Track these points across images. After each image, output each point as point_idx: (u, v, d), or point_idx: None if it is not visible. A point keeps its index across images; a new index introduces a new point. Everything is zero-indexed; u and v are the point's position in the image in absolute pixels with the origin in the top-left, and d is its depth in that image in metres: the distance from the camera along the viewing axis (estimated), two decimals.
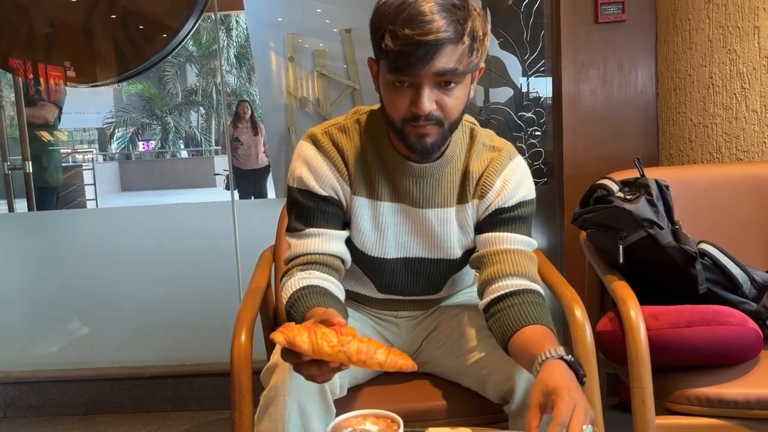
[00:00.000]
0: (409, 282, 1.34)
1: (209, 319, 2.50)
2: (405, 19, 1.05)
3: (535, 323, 1.09)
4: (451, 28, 1.05)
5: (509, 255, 1.20)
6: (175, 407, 2.42)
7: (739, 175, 1.84)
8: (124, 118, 16.19)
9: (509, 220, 1.23)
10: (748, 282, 1.49)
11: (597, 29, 2.15)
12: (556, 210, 2.35)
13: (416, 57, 1.05)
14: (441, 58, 1.06)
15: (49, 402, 2.44)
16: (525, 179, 1.26)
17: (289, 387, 1.11)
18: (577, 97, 2.18)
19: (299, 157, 1.25)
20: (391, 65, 1.09)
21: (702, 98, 1.98)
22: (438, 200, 1.25)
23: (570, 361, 0.98)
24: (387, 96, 1.15)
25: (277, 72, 2.83)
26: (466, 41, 1.07)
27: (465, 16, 1.07)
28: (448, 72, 1.07)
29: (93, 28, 2.92)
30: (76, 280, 2.64)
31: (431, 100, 1.10)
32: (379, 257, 1.29)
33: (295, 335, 0.93)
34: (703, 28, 1.95)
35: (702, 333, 1.38)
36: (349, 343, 0.93)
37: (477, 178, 1.25)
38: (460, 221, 1.27)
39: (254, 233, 1.26)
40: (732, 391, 1.35)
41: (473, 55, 1.10)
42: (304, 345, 0.93)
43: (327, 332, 0.94)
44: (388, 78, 1.12)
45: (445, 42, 1.05)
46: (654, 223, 1.48)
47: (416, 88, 1.09)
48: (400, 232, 1.28)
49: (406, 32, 1.04)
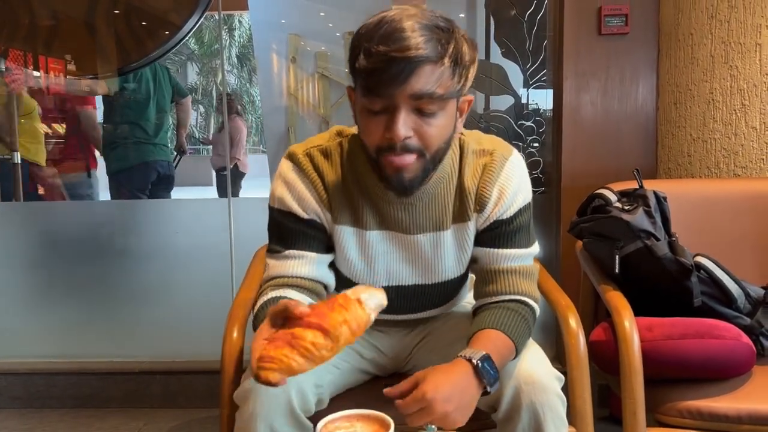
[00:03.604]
0: (401, 306, 1.30)
1: (201, 316, 2.48)
2: (381, 36, 0.97)
3: (495, 328, 1.11)
4: (431, 46, 0.97)
5: (506, 276, 1.19)
6: (164, 403, 2.41)
7: (736, 190, 1.85)
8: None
9: (508, 234, 1.18)
10: (742, 297, 1.49)
11: (600, 41, 2.16)
12: (552, 219, 2.35)
13: (389, 75, 0.96)
14: (418, 78, 0.97)
15: (37, 394, 2.42)
16: (522, 183, 1.19)
17: (258, 413, 1.07)
18: (577, 107, 2.19)
19: (279, 177, 1.19)
20: (363, 86, 1.01)
21: (702, 113, 1.99)
22: (430, 224, 1.19)
23: (477, 365, 1.01)
24: (361, 122, 1.07)
25: (278, 73, 2.84)
26: (447, 63, 0.99)
27: (448, 38, 1.00)
28: (425, 95, 0.99)
29: (95, 22, 2.92)
30: (67, 272, 2.62)
31: (407, 126, 1.00)
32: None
33: (287, 362, 0.85)
34: (706, 44, 1.96)
35: (695, 346, 1.38)
36: (338, 335, 0.86)
37: (474, 191, 1.17)
38: (459, 240, 1.21)
39: (250, 231, 1.24)
40: (723, 405, 1.35)
41: (456, 79, 1.02)
42: (304, 365, 0.86)
43: (308, 337, 0.85)
44: (363, 102, 1.03)
45: (422, 60, 0.97)
46: (651, 235, 1.49)
47: (391, 112, 1.00)
48: (390, 260, 1.22)
49: (380, 48, 0.96)
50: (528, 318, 1.17)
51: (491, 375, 1.02)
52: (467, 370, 1.01)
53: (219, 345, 1.35)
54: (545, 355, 1.20)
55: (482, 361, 1.02)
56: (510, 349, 1.10)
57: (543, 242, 2.40)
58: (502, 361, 1.07)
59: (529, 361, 1.13)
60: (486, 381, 1.01)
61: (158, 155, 3.33)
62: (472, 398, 1.01)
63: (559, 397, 1.11)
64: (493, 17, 2.46)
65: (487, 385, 1.02)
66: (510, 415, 1.11)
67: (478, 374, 1.01)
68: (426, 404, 0.95)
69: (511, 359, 1.11)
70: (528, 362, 1.13)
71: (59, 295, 2.63)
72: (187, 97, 3.83)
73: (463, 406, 0.99)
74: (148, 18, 3.00)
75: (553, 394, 1.10)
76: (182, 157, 4.15)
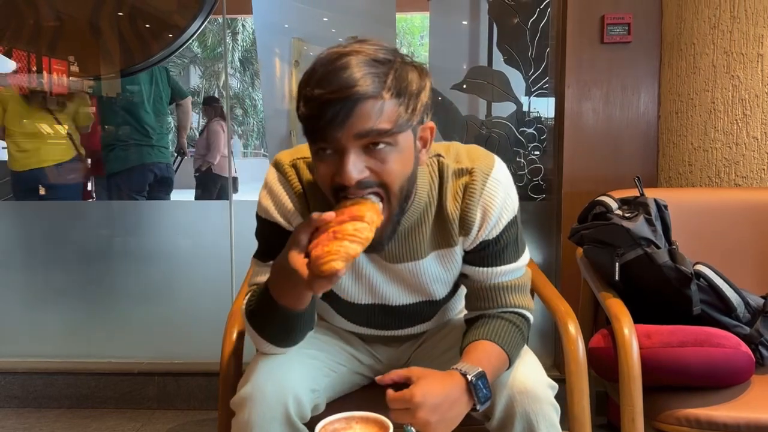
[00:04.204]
0: (390, 323, 1.29)
1: (200, 318, 2.49)
2: (316, 80, 0.94)
3: (489, 339, 1.11)
4: (368, 81, 0.93)
5: (497, 292, 1.18)
6: (162, 405, 2.40)
7: (737, 200, 1.85)
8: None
9: (496, 253, 1.16)
10: (742, 305, 1.49)
11: (602, 49, 2.16)
12: (552, 226, 2.35)
13: (328, 118, 0.93)
14: (359, 116, 0.93)
15: (34, 393, 2.42)
16: (506, 199, 1.13)
17: (254, 421, 1.07)
18: (579, 115, 2.19)
19: (266, 186, 1.18)
20: (307, 132, 0.98)
21: (703, 122, 1.99)
22: (407, 255, 1.16)
23: (471, 381, 1.01)
24: (318, 171, 1.01)
25: (281, 77, 2.85)
26: (387, 96, 0.94)
27: (386, 70, 0.95)
28: (371, 132, 0.94)
29: (100, 24, 2.93)
30: (67, 272, 2.62)
31: (358, 167, 0.95)
32: (354, 302, 1.24)
33: (345, 250, 0.91)
34: (708, 54, 1.97)
35: (694, 354, 1.38)
36: (369, 216, 0.94)
37: (458, 216, 1.13)
38: (445, 264, 1.19)
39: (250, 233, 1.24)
40: (722, 414, 1.35)
41: (402, 109, 0.96)
42: (357, 249, 0.92)
43: (348, 227, 0.92)
44: (312, 148, 1.00)
45: (359, 98, 0.92)
46: (651, 242, 1.49)
47: (340, 154, 0.96)
48: (376, 282, 1.20)
49: (315, 93, 0.93)
50: (522, 328, 1.17)
51: (484, 393, 1.02)
52: (461, 384, 1.01)
53: (217, 347, 1.35)
54: (539, 363, 1.20)
55: (477, 378, 1.02)
56: (504, 360, 1.10)
57: (543, 249, 2.40)
58: (495, 375, 1.08)
59: (522, 370, 1.14)
60: (477, 399, 1.01)
61: (156, 157, 3.28)
62: (458, 413, 1.01)
63: (553, 405, 1.11)
64: (496, 24, 2.47)
65: (477, 403, 1.02)
66: (504, 424, 1.11)
67: (470, 391, 1.01)
68: (412, 407, 0.95)
69: (504, 370, 1.12)
70: (521, 371, 1.13)
71: (58, 296, 2.63)
72: (187, 99, 3.77)
73: (447, 419, 0.99)
74: (151, 20, 3.01)
75: (546, 403, 1.10)
76: (183, 159, 4.12)
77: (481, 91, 2.51)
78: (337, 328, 1.36)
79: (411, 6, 3.50)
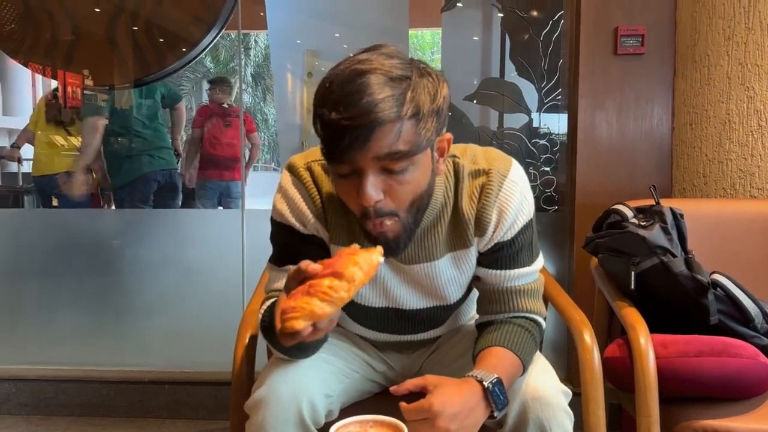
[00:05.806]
0: (403, 327, 1.28)
1: (211, 327, 2.48)
2: (333, 102, 0.92)
3: (503, 345, 1.10)
4: (386, 105, 0.91)
5: (511, 296, 1.17)
6: (171, 414, 2.39)
7: (752, 212, 1.84)
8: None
9: (511, 255, 1.15)
10: (760, 316, 1.47)
11: (616, 60, 2.16)
12: (566, 238, 2.34)
13: (345, 144, 0.92)
14: (377, 140, 0.92)
15: (45, 401, 2.42)
16: (522, 200, 1.13)
17: (268, 424, 1.06)
18: (592, 126, 2.19)
19: (280, 189, 1.17)
20: (325, 153, 0.97)
21: (718, 134, 1.98)
22: (423, 255, 1.15)
23: (488, 389, 1.00)
24: (336, 188, 1.04)
25: (293, 91, 2.87)
26: (407, 118, 0.93)
27: (404, 89, 0.93)
28: (389, 155, 0.94)
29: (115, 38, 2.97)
30: (77, 280, 2.63)
31: (377, 188, 0.96)
32: (367, 306, 1.23)
33: (309, 308, 0.87)
34: (722, 65, 1.96)
35: (712, 364, 1.36)
36: (351, 274, 0.88)
37: (473, 216, 1.13)
38: (460, 266, 1.18)
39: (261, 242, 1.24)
40: (740, 425, 1.33)
41: (420, 129, 0.95)
42: (325, 308, 0.88)
43: (324, 283, 0.88)
44: (330, 168, 1.01)
45: (377, 124, 0.91)
46: (667, 251, 1.48)
47: (359, 175, 0.96)
48: (390, 285, 1.20)
49: (332, 117, 0.92)
50: (534, 333, 1.16)
51: (501, 400, 1.01)
52: (478, 392, 1.00)
53: (228, 356, 1.35)
54: (552, 368, 1.19)
55: (494, 384, 1.01)
56: (518, 366, 1.09)
57: (556, 260, 2.39)
58: (510, 381, 1.07)
59: (535, 376, 1.13)
60: (495, 406, 1.00)
61: (156, 165, 3.25)
62: (477, 421, 1.00)
63: (566, 412, 1.10)
64: (509, 36, 2.48)
65: (495, 410, 1.01)
66: (517, 431, 1.10)
67: (487, 398, 1.00)
68: (431, 416, 0.93)
69: (518, 377, 1.11)
70: (534, 377, 1.12)
71: (69, 304, 2.63)
72: (181, 102, 3.70)
73: (466, 427, 0.97)
74: (166, 34, 3.04)
75: (559, 409, 1.09)
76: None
77: (493, 102, 2.51)
78: (351, 334, 1.35)
79: (423, 22, 3.52)
